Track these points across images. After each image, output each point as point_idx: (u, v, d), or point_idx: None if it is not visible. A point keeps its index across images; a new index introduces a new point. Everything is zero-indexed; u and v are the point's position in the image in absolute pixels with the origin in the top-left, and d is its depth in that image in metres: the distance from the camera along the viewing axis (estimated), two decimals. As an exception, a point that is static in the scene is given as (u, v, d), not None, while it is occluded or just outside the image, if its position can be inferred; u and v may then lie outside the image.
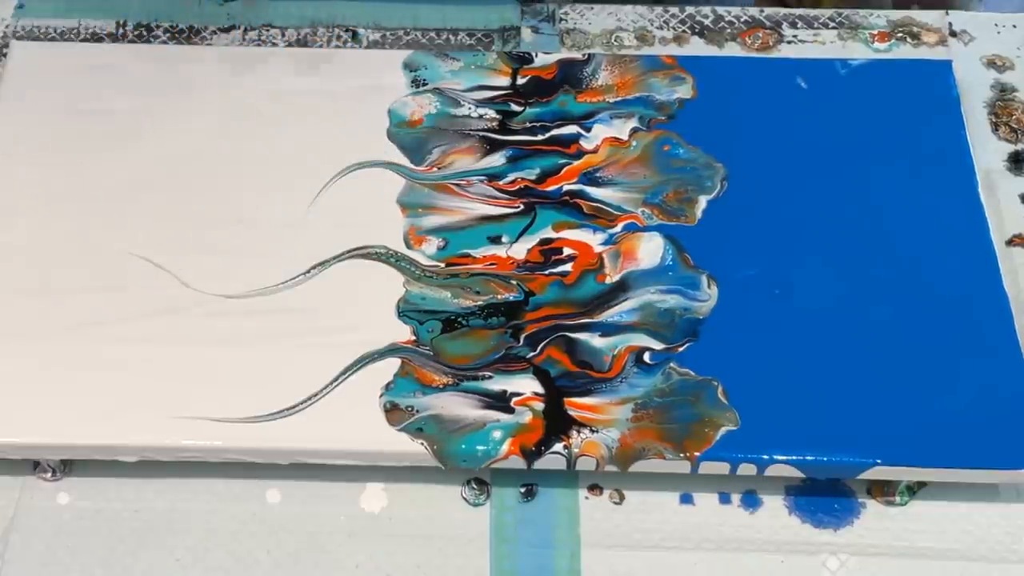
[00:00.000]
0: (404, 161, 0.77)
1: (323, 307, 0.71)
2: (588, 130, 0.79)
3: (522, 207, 0.75)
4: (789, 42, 0.87)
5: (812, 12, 0.89)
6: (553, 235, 0.74)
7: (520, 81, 0.81)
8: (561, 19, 0.88)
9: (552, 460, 0.66)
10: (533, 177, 0.76)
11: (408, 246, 0.73)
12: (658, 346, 0.70)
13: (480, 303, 0.71)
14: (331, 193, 0.75)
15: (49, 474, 0.69)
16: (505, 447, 0.66)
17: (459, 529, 0.68)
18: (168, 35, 0.87)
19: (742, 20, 0.88)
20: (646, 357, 0.69)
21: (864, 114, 0.79)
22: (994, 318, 0.71)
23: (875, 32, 0.87)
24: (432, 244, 0.74)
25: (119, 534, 0.67)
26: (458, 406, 0.67)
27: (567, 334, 0.70)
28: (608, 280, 0.72)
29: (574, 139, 0.78)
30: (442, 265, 0.73)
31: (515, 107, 0.80)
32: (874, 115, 0.79)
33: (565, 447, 0.66)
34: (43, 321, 0.70)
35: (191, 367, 0.68)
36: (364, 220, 0.74)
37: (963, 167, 0.77)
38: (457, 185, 0.76)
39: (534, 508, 0.69)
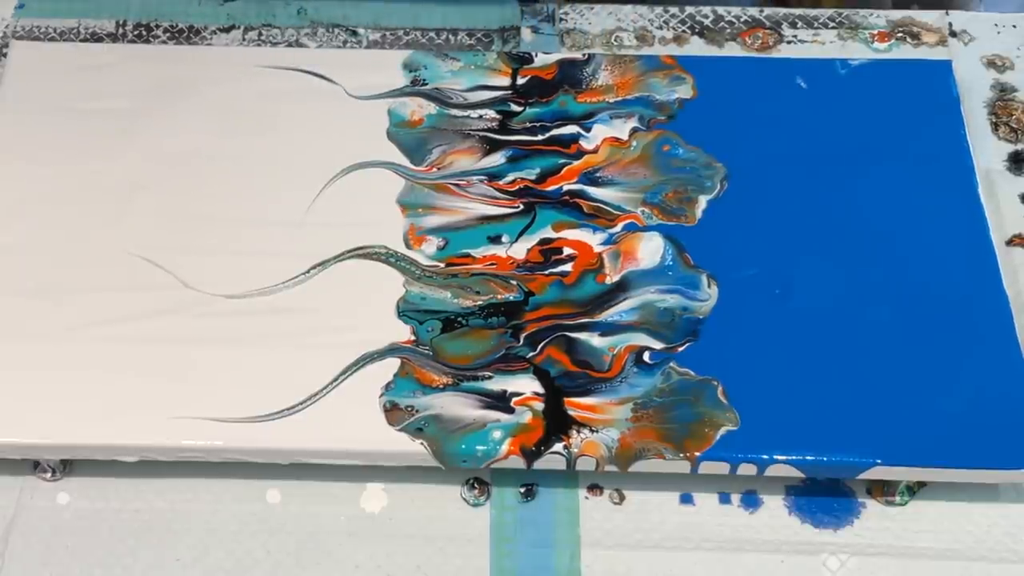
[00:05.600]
0: (404, 161, 0.77)
1: (323, 307, 0.71)
2: (588, 130, 0.79)
3: (522, 207, 0.75)
4: (789, 42, 0.87)
5: (812, 12, 0.89)
6: (553, 235, 0.74)
7: (520, 81, 0.81)
8: (561, 19, 0.88)
9: (552, 460, 0.66)
10: (533, 177, 0.77)
11: (408, 246, 0.73)
12: (658, 346, 0.70)
13: (480, 303, 0.71)
14: (331, 193, 0.76)
15: (49, 474, 0.69)
16: (505, 447, 0.66)
17: (459, 529, 0.68)
18: (168, 35, 0.87)
19: (742, 20, 0.88)
20: (646, 357, 0.69)
21: (864, 114, 0.79)
22: (994, 318, 0.71)
23: (875, 32, 0.87)
24: (432, 244, 0.74)
25: (119, 534, 0.67)
26: (458, 406, 0.67)
27: (567, 334, 0.70)
28: (608, 280, 0.72)
29: (574, 139, 0.78)
30: (442, 265, 0.73)
31: (515, 107, 0.80)
32: (874, 115, 0.79)
33: (565, 447, 0.66)
34: (43, 321, 0.70)
35: (191, 367, 0.68)
36: (364, 220, 0.74)
37: (963, 167, 0.77)
38: (457, 185, 0.76)
39: (534, 508, 0.69)
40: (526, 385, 0.68)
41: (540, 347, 0.69)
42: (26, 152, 0.77)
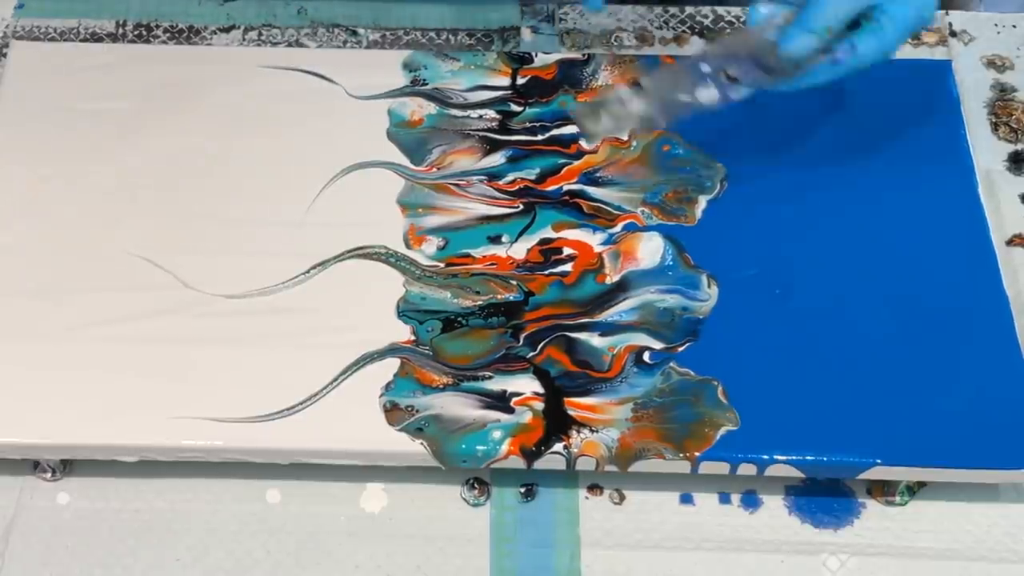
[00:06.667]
0: (404, 161, 0.77)
1: (323, 307, 0.71)
2: (588, 130, 0.79)
3: (522, 207, 0.75)
4: (789, 42, 0.87)
5: (812, 12, 0.89)
6: (553, 235, 0.74)
7: (520, 81, 0.81)
8: (561, 19, 0.88)
9: (552, 460, 0.66)
10: (533, 177, 0.77)
11: (408, 246, 0.73)
12: (658, 346, 0.70)
13: (480, 303, 0.71)
14: (331, 193, 0.76)
15: (49, 474, 0.69)
16: (505, 447, 0.66)
17: (459, 529, 0.68)
18: (168, 35, 0.87)
19: (742, 20, 0.88)
20: (646, 357, 0.69)
21: (864, 114, 0.79)
22: (994, 318, 0.71)
23: (875, 32, 0.87)
24: (432, 244, 0.74)
25: (119, 534, 0.67)
26: (458, 406, 0.67)
27: (567, 334, 0.70)
28: (608, 280, 0.72)
29: (574, 139, 0.78)
30: (442, 265, 0.73)
31: (515, 107, 0.80)
32: (874, 115, 0.79)
33: (565, 447, 0.66)
34: (43, 321, 0.70)
35: (191, 367, 0.68)
36: (364, 220, 0.74)
37: (963, 167, 0.77)
38: (457, 185, 0.76)
39: (534, 508, 0.69)
40: (526, 385, 0.68)
41: (540, 347, 0.69)
42: (26, 152, 0.77)
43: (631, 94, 0.69)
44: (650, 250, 0.74)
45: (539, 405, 0.67)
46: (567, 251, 0.73)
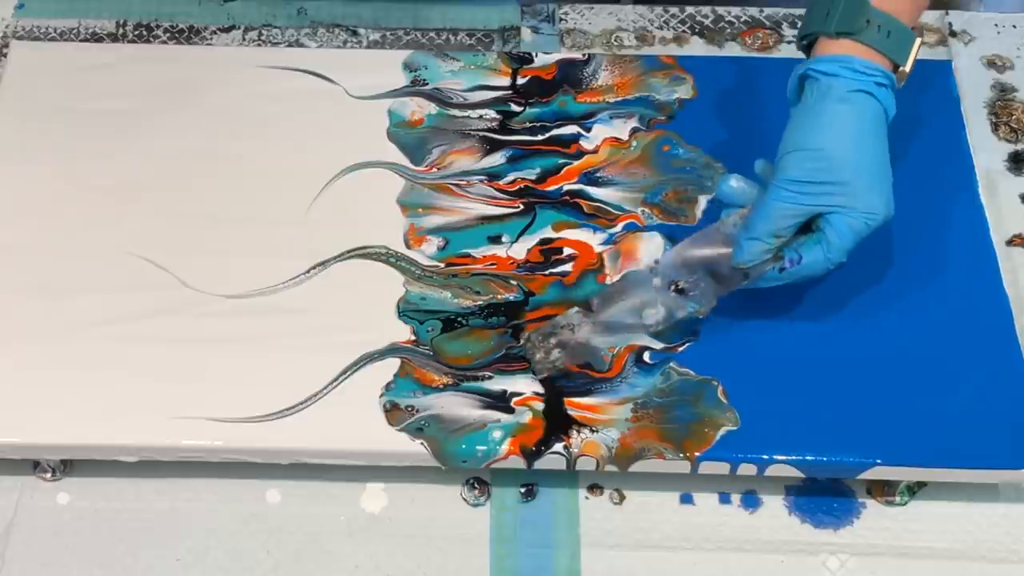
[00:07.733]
0: (404, 161, 0.77)
1: (323, 307, 0.71)
2: (588, 130, 0.79)
3: (522, 207, 0.75)
4: (789, 42, 0.87)
5: (812, 12, 0.89)
6: (553, 235, 0.74)
7: (520, 81, 0.81)
8: (561, 19, 0.88)
9: (552, 460, 0.66)
10: (533, 177, 0.77)
11: (408, 246, 0.73)
12: (658, 346, 0.70)
13: (480, 303, 0.71)
14: (331, 193, 0.76)
15: (49, 474, 0.69)
16: (505, 447, 0.66)
17: (459, 529, 0.68)
18: (168, 35, 0.87)
19: (742, 20, 0.88)
20: (646, 357, 0.69)
21: (864, 114, 0.79)
22: (994, 318, 0.71)
23: (875, 32, 0.87)
24: (432, 244, 0.74)
25: (119, 534, 0.67)
26: (458, 406, 0.67)
27: (567, 334, 0.70)
28: (608, 280, 0.72)
29: (574, 139, 0.78)
30: (442, 265, 0.73)
31: (515, 107, 0.80)
32: (874, 115, 0.79)
33: (565, 447, 0.66)
34: (43, 321, 0.70)
35: (191, 367, 0.68)
36: (364, 220, 0.74)
37: (963, 167, 0.77)
38: (457, 185, 0.76)
39: (534, 508, 0.69)
40: (526, 385, 0.68)
41: (540, 347, 0.69)
42: (26, 152, 0.77)
43: (581, 319, 0.68)
44: (650, 250, 0.74)
45: (539, 405, 0.67)
46: (567, 251, 0.73)
